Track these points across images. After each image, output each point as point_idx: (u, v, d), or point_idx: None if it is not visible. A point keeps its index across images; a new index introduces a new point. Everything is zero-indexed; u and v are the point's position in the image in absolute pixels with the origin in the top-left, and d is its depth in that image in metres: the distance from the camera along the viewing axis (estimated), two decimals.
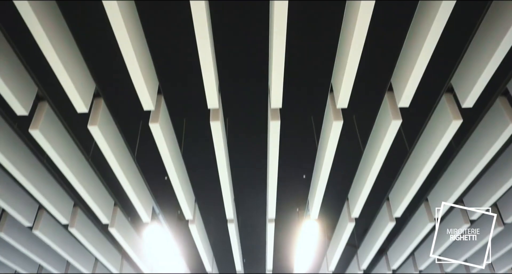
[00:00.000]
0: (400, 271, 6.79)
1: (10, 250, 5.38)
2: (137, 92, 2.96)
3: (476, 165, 3.64)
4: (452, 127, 3.19)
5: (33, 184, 3.85)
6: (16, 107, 2.99)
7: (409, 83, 2.88)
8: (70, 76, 2.76)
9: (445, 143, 3.38)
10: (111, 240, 5.69)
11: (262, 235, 5.53)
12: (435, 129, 3.47)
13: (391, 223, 4.85)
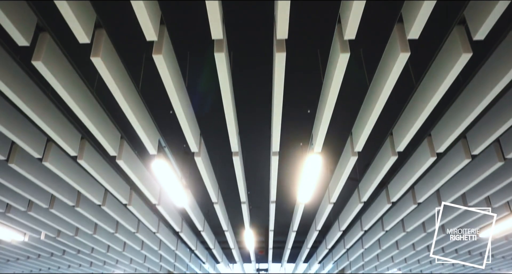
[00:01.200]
0: (399, 204, 7.02)
1: (23, 181, 5.56)
2: (139, 22, 2.88)
3: (482, 100, 3.61)
4: (462, 61, 3.12)
5: (40, 117, 3.89)
6: (17, 37, 2.94)
7: (420, 13, 2.78)
8: (69, 5, 2.68)
9: (453, 76, 3.33)
10: (119, 172, 5.85)
11: (266, 168, 5.66)
12: (443, 63, 3.40)
13: (393, 157, 4.92)
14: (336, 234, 8.65)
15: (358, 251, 10.00)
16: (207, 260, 11.67)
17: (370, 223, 7.63)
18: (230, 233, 8.89)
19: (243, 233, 9.17)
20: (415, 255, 10.46)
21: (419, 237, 8.41)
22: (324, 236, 9.93)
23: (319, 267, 13.63)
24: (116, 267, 11.82)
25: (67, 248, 9.58)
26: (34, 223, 7.33)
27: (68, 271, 12.50)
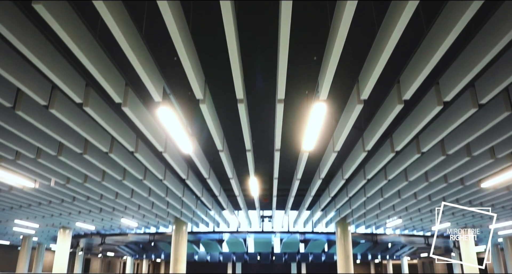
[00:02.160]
0: (403, 153, 7.08)
1: (31, 129, 5.62)
2: None
3: (492, 49, 3.53)
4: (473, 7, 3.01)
5: (43, 62, 3.86)
6: None
7: None
8: None
9: (464, 22, 3.24)
10: (125, 120, 5.89)
11: (271, 116, 5.66)
12: (455, 9, 3.29)
13: (399, 105, 4.90)
14: (339, 183, 8.81)
15: (360, 200, 10.23)
16: (213, 207, 12.00)
17: (373, 172, 7.74)
18: (235, 181, 9.07)
19: (248, 181, 9.36)
20: (416, 204, 10.70)
21: (421, 186, 8.55)
22: (328, 184, 10.12)
23: (321, 214, 14.02)
24: (125, 213, 12.21)
25: (76, 195, 9.85)
26: (44, 170, 7.50)
27: (78, 216, 12.94)
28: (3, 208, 11.55)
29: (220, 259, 25.82)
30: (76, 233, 17.53)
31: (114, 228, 16.44)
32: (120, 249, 24.40)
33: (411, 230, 16.57)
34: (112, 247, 24.12)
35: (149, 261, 43.24)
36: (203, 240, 20.67)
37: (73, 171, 7.64)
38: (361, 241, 20.04)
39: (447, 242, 20.39)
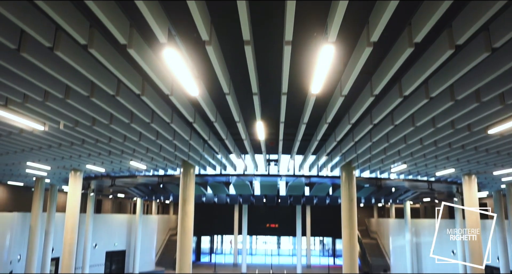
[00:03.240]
0: (411, 98, 7.01)
1: (37, 71, 5.59)
2: None
3: None
4: None
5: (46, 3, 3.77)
6: None
7: None
8: None
9: None
10: (131, 62, 5.83)
11: (278, 58, 5.57)
12: None
13: (410, 48, 4.79)
14: (345, 127, 8.83)
15: (366, 144, 10.30)
16: (220, 150, 12.18)
17: (380, 116, 7.72)
18: (242, 124, 9.12)
19: (254, 124, 9.41)
20: (421, 150, 10.77)
21: (427, 131, 8.56)
22: (334, 129, 10.16)
23: (327, 159, 14.22)
24: (134, 156, 12.45)
25: (85, 138, 10.00)
26: (52, 113, 7.57)
27: (88, 159, 13.22)
28: (15, 150, 11.81)
29: (227, 201, 26.64)
30: (87, 175, 18.02)
31: (123, 171, 16.86)
32: (130, 190, 25.18)
33: (415, 175, 16.82)
34: (122, 188, 24.89)
35: (158, 202, 44.77)
36: (210, 183, 21.21)
37: (81, 114, 7.70)
38: (365, 185, 20.46)
39: (451, 187, 20.77)
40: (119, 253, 30.05)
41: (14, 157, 13.05)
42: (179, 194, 12.50)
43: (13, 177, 19.77)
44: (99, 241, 28.11)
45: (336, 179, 18.25)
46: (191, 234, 11.86)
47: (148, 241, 32.38)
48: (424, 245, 28.98)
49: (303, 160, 14.61)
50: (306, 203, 28.10)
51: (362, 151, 11.28)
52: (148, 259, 32.29)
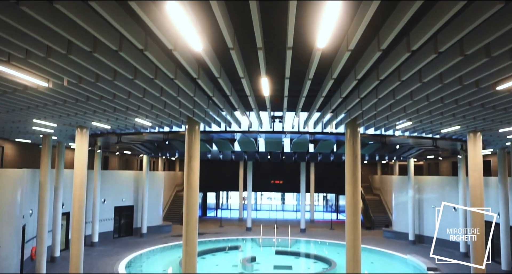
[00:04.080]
0: (419, 53, 6.87)
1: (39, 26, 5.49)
2: None
3: None
4: None
5: None
6: None
7: None
8: None
9: None
10: (133, 17, 5.70)
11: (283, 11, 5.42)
12: None
13: (419, 1, 4.63)
14: (351, 83, 8.74)
15: (372, 101, 10.24)
16: (224, 107, 12.16)
17: (387, 72, 7.62)
18: (246, 80, 9.04)
19: (259, 80, 9.33)
20: (427, 106, 10.69)
21: (434, 88, 8.46)
22: (339, 85, 10.06)
23: (332, 116, 14.19)
24: (138, 112, 12.47)
25: (90, 94, 9.99)
26: (56, 69, 7.51)
27: (93, 116, 13.27)
28: (20, 107, 11.84)
29: (232, 157, 26.94)
30: (93, 132, 18.17)
31: (129, 128, 16.96)
32: (136, 147, 25.46)
33: (420, 132, 16.81)
34: (128, 145, 25.17)
35: (164, 159, 45.38)
36: (215, 139, 21.38)
37: (84, 70, 7.65)
38: (370, 142, 20.54)
39: (455, 144, 20.81)
40: (128, 208, 30.88)
41: (20, 114, 13.12)
42: (185, 150, 12.62)
43: (20, 134, 19.98)
44: (108, 197, 28.82)
45: (341, 136, 18.32)
46: (197, 190, 12.09)
47: (155, 197, 33.14)
48: (426, 201, 29.48)
49: (308, 117, 14.60)
50: (310, 160, 28.39)
51: (367, 108, 11.23)
52: (155, 214, 33.18)
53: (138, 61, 7.15)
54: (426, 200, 29.52)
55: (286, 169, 44.12)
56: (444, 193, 28.05)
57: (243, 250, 27.81)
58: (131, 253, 24.32)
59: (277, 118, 16.06)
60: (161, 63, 7.27)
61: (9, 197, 14.71)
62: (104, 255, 23.54)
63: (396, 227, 32.31)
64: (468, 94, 9.05)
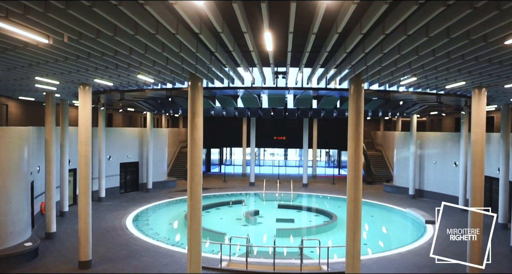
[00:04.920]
0: (427, 6, 6.69)
1: None
2: None
3: None
4: None
5: None
6: None
7: None
8: None
9: None
10: None
11: None
12: None
13: None
14: (356, 37, 8.56)
15: (377, 56, 10.08)
16: (227, 62, 12.01)
17: (393, 26, 7.44)
18: (249, 35, 8.87)
19: (262, 35, 9.16)
20: (433, 61, 10.52)
21: (441, 42, 8.31)
22: (344, 39, 9.87)
23: (335, 71, 14.03)
24: (140, 69, 12.35)
25: (91, 51, 9.86)
26: (55, 25, 7.37)
27: (96, 73, 13.16)
28: (22, 65, 11.74)
29: (236, 114, 26.97)
30: (96, 89, 18.10)
31: (131, 85, 16.87)
32: (139, 104, 25.46)
33: (424, 88, 16.67)
34: (131, 102, 25.15)
35: (168, 116, 45.48)
36: (218, 96, 21.30)
37: (84, 25, 7.51)
38: (373, 98, 20.45)
39: (459, 100, 20.69)
40: (133, 165, 31.38)
41: (22, 72, 13.03)
42: (188, 107, 12.61)
43: (23, 92, 19.93)
44: (113, 154, 29.21)
45: (344, 92, 18.21)
46: (200, 146, 12.20)
47: (159, 153, 33.55)
48: (427, 157, 29.75)
49: (311, 73, 14.44)
50: (314, 116, 28.39)
51: (372, 63, 11.08)
52: (160, 170, 33.74)
53: (138, 16, 7.00)
54: (427, 155, 29.78)
55: (289, 125, 44.27)
56: (446, 149, 28.24)
57: (247, 204, 28.51)
58: (138, 207, 25.00)
59: (280, 74, 15.91)
60: (162, 18, 7.12)
61: (16, 154, 14.93)
62: (112, 209, 24.20)
63: (397, 182, 32.84)
64: (475, 49, 8.89)
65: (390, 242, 19.37)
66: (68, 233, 18.37)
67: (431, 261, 15.08)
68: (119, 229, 19.69)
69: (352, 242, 11.41)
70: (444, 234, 18.77)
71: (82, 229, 14.07)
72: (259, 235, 20.21)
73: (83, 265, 13.89)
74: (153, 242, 17.74)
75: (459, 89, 16.30)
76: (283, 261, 15.23)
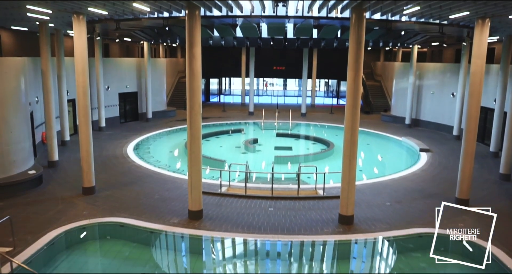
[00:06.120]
0: None
1: None
2: None
3: None
4: None
5: None
6: None
7: None
8: None
9: None
10: None
11: None
12: None
13: None
14: None
15: None
16: None
17: None
18: None
19: None
20: None
21: None
22: None
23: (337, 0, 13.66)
24: None
25: None
26: None
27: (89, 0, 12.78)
28: None
29: (234, 43, 26.53)
30: (90, 18, 17.62)
31: (127, 13, 16.42)
32: (136, 34, 24.90)
33: (427, 18, 16.29)
34: (127, 32, 24.55)
35: (165, 46, 44.61)
36: (216, 25, 20.83)
37: None
38: (375, 28, 20.04)
39: (462, 31, 20.30)
40: (132, 95, 31.44)
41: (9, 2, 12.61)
42: (186, 36, 12.42)
43: (15, 21, 19.37)
44: (111, 84, 29.15)
45: (346, 21, 17.83)
46: (199, 76, 12.20)
47: (158, 83, 33.46)
48: (426, 87, 29.81)
49: (312, 1, 14.04)
50: (314, 45, 27.91)
51: None
52: (159, 99, 33.87)
53: None
54: (425, 86, 29.81)
55: (289, 55, 43.62)
56: (444, 79, 28.21)
57: (246, 133, 29.06)
58: (138, 136, 25.50)
59: (280, 2, 15.46)
60: None
61: (13, 85, 14.94)
62: (113, 138, 24.71)
63: (394, 112, 33.22)
64: None
65: (384, 168, 20.11)
66: (71, 161, 18.93)
67: (422, 186, 15.93)
68: (120, 157, 20.27)
69: (348, 168, 11.89)
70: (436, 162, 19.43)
71: (84, 157, 14.49)
72: (258, 162, 20.88)
73: (87, 191, 14.52)
74: (155, 169, 18.35)
75: (462, 19, 15.93)
76: (280, 186, 15.92)
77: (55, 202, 13.56)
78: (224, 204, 13.77)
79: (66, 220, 11.81)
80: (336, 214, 12.52)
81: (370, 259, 11.32)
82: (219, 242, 11.37)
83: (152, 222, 11.95)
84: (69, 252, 10.88)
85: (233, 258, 11.24)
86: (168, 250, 11.62)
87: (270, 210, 13.27)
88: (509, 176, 16.86)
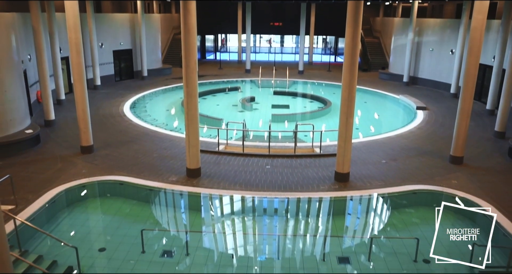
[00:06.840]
0: None
1: None
2: None
3: None
4: None
5: None
6: None
7: None
8: None
9: None
10: None
11: None
12: None
13: None
14: None
15: None
16: None
17: None
18: None
19: None
20: None
21: None
22: None
23: None
24: None
25: None
26: None
27: None
28: None
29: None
30: None
31: None
32: None
33: None
34: None
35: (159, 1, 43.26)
36: None
37: None
38: None
39: None
40: (126, 52, 30.86)
41: None
42: None
43: None
44: (105, 41, 28.51)
45: None
46: (194, 32, 11.92)
47: (152, 40, 32.77)
48: (425, 44, 29.33)
49: None
50: (312, 0, 27.17)
51: None
52: (154, 57, 33.31)
53: None
54: (425, 43, 29.33)
55: (286, 10, 42.54)
56: (444, 36, 27.72)
57: (242, 91, 28.88)
58: (134, 95, 25.29)
59: None
60: None
61: (4, 42, 14.57)
62: (109, 97, 24.52)
63: (392, 69, 32.90)
64: None
65: (381, 127, 20.19)
66: (68, 120, 18.84)
67: (418, 144, 16.07)
68: (117, 116, 20.20)
69: (345, 126, 11.91)
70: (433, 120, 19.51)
71: (80, 116, 14.40)
72: (255, 120, 20.91)
73: (86, 149, 14.57)
74: (152, 127, 18.35)
75: None
76: (277, 144, 16.02)
77: (54, 161, 13.64)
78: (221, 162, 13.90)
79: (66, 179, 11.94)
80: (332, 172, 12.70)
81: (364, 215, 11.60)
82: (217, 199, 11.58)
83: (151, 180, 12.11)
84: (70, 210, 11.10)
85: (231, 215, 11.50)
86: (167, 207, 11.85)
87: (267, 167, 13.43)
88: (504, 133, 16.98)
